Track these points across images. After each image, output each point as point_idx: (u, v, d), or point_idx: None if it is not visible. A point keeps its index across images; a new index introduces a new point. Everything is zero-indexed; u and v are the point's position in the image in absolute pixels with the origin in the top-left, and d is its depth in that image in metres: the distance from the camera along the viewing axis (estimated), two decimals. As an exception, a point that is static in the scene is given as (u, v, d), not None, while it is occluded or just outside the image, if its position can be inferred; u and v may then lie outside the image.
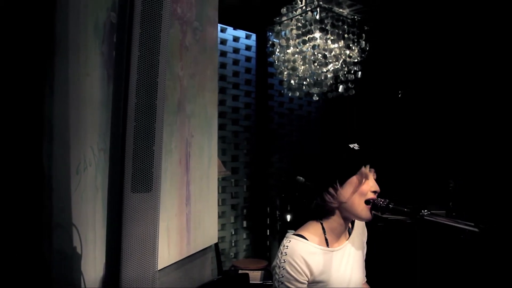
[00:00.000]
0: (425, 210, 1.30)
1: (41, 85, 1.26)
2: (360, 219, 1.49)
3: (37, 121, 1.26)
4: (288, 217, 3.90)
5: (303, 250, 1.39)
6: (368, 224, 1.64)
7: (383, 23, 3.69)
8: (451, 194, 3.00)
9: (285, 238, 1.44)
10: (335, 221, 1.49)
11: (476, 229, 1.17)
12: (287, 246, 1.40)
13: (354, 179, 1.43)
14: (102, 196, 1.52)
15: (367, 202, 1.42)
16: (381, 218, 3.00)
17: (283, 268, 1.38)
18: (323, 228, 1.48)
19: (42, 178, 1.25)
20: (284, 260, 1.38)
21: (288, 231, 1.50)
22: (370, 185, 1.43)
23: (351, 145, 1.46)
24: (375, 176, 1.47)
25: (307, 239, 1.43)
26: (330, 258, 1.45)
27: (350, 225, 1.59)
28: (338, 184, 1.44)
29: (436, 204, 2.96)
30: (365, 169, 1.43)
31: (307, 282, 1.40)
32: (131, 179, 1.14)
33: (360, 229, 1.62)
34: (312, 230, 1.48)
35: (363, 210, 1.43)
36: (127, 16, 1.18)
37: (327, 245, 1.47)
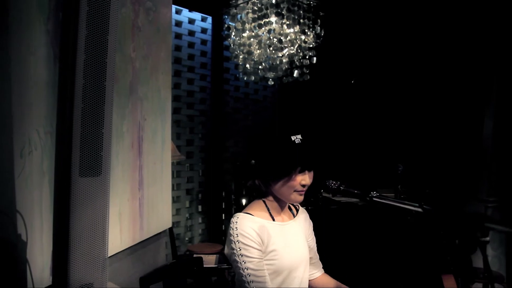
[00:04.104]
0: (374, 192, 1.35)
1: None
2: (290, 202, 1.57)
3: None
4: (244, 201, 3.93)
5: (251, 222, 1.46)
6: (322, 207, 1.68)
7: (338, 9, 3.73)
8: (399, 177, 3.12)
9: (232, 218, 1.49)
10: (272, 201, 1.56)
11: (420, 210, 1.23)
12: (236, 222, 1.45)
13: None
14: (49, 180, 1.46)
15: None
16: (334, 201, 3.09)
17: (238, 242, 1.42)
18: (266, 206, 1.55)
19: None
20: (236, 234, 1.43)
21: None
22: (299, 180, 1.47)
23: (293, 137, 1.46)
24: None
25: (253, 215, 1.49)
26: (277, 230, 1.51)
27: (294, 209, 1.67)
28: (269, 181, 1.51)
29: (389, 187, 3.07)
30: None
31: (261, 251, 1.45)
32: (79, 163, 1.10)
33: (303, 216, 1.69)
34: (257, 208, 1.54)
35: (292, 196, 1.49)
36: (74, -8, 1.12)
37: (273, 220, 1.53)
